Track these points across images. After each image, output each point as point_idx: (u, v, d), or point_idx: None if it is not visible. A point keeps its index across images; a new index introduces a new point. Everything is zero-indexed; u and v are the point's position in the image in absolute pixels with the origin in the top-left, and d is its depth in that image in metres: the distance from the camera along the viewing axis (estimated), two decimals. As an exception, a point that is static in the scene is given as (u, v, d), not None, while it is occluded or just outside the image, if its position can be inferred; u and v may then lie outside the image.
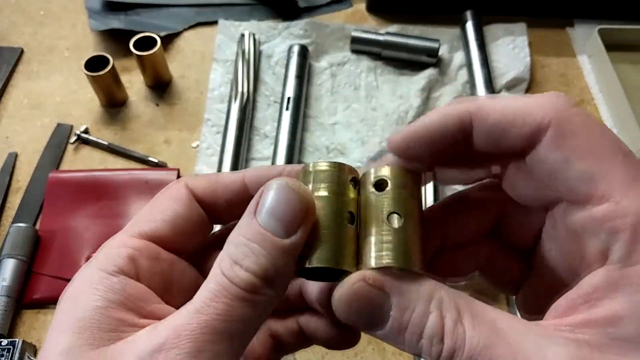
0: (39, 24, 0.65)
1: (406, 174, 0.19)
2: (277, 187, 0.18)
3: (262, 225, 0.18)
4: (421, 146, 0.19)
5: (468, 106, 0.18)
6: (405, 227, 0.18)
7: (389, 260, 0.17)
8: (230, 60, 0.60)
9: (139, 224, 0.20)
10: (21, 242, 0.45)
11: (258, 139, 0.54)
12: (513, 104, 0.18)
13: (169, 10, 0.65)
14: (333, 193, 0.19)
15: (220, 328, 0.16)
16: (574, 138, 0.17)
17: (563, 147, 0.17)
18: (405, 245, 0.18)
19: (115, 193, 0.49)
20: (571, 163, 0.17)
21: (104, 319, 0.17)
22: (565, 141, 0.17)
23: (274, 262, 0.17)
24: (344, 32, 0.62)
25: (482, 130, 0.18)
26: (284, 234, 0.17)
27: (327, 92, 0.57)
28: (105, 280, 0.18)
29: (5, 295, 0.42)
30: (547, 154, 0.17)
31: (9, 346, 0.40)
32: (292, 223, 0.18)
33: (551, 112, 0.17)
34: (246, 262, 0.17)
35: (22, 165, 0.53)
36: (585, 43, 0.63)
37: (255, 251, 0.17)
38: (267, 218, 0.18)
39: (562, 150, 0.17)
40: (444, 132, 0.19)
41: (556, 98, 0.18)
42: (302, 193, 0.18)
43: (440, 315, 0.17)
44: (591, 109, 0.58)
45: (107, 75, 0.53)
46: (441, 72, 0.59)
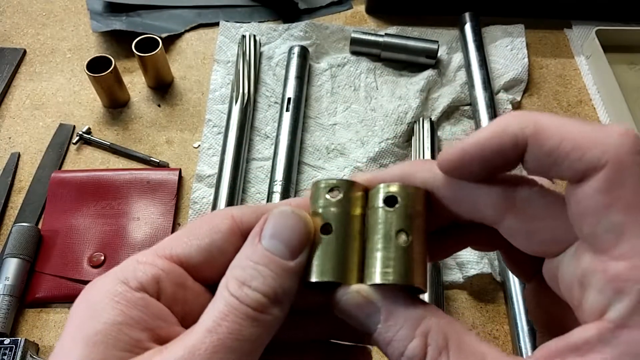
0: (41, 25, 0.65)
1: (416, 192, 0.19)
2: (279, 213, 0.19)
3: (267, 249, 0.18)
4: (473, 166, 0.18)
5: (526, 124, 0.17)
6: (412, 245, 0.18)
7: (393, 277, 0.18)
8: (231, 61, 0.60)
9: (172, 244, 0.20)
10: (24, 242, 0.45)
11: (259, 140, 0.54)
12: (576, 131, 0.16)
13: (170, 12, 0.65)
14: (342, 210, 0.19)
15: (233, 347, 0.17)
16: (622, 187, 0.16)
17: (609, 194, 0.16)
18: (410, 264, 0.18)
19: (117, 193, 0.49)
20: (609, 211, 0.16)
21: (121, 336, 0.17)
22: (614, 188, 0.16)
23: (281, 283, 0.18)
24: (343, 33, 0.63)
25: (535, 155, 0.17)
26: (289, 256, 0.18)
27: (327, 93, 0.58)
28: (127, 294, 0.18)
29: (8, 295, 0.43)
30: (590, 193, 0.16)
31: (12, 345, 0.40)
32: (297, 246, 0.18)
33: (612, 152, 0.16)
34: (255, 283, 0.18)
35: (24, 165, 0.53)
36: (583, 44, 0.63)
37: (263, 273, 0.18)
38: (272, 242, 0.18)
39: (607, 197, 0.16)
40: (499, 152, 0.17)
41: (622, 137, 0.16)
42: (304, 217, 0.19)
43: (424, 342, 0.17)
44: (589, 110, 0.58)
45: (109, 76, 0.53)
46: (440, 73, 0.59)
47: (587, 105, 0.59)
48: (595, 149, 0.16)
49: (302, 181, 0.51)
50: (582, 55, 0.63)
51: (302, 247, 0.18)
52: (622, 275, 0.15)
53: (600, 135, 0.16)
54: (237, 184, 0.48)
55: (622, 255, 0.15)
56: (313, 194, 0.20)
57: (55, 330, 0.43)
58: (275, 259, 0.18)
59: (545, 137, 0.16)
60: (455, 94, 0.56)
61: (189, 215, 0.49)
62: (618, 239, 0.15)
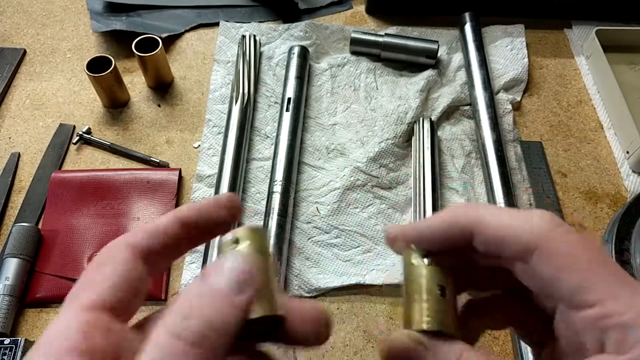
0: (41, 25, 0.65)
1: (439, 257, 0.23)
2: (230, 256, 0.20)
3: (214, 285, 0.19)
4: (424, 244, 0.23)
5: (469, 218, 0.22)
6: (449, 297, 0.22)
7: (437, 325, 0.21)
8: (231, 61, 0.60)
9: (86, 292, 0.19)
10: (24, 242, 0.45)
11: (259, 139, 0.54)
12: (507, 221, 0.21)
13: (171, 12, 0.65)
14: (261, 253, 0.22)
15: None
16: (558, 257, 0.20)
17: (550, 266, 0.20)
18: (449, 313, 0.22)
19: (118, 193, 0.49)
20: (560, 279, 0.20)
21: None
22: (552, 260, 0.20)
23: (227, 316, 0.18)
24: (343, 33, 0.63)
25: (480, 243, 0.22)
26: (236, 291, 0.19)
27: (327, 93, 0.58)
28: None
29: (8, 295, 0.43)
30: (538, 269, 0.20)
31: (12, 345, 0.40)
32: (243, 283, 0.19)
33: (537, 234, 0.20)
34: (198, 314, 0.18)
35: (24, 165, 0.53)
36: (583, 44, 0.63)
37: (208, 304, 0.18)
38: (219, 279, 0.19)
39: (550, 269, 0.20)
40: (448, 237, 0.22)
41: (541, 219, 0.21)
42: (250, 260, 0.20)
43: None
44: (589, 110, 0.58)
45: (109, 76, 0.53)
46: (440, 73, 0.59)
47: (587, 105, 0.59)
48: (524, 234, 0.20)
49: (302, 181, 0.51)
50: (582, 55, 0.63)
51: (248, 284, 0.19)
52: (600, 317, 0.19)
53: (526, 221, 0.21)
54: (237, 184, 0.48)
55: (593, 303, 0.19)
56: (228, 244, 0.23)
57: (55, 330, 0.43)
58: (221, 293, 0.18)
59: (484, 227, 0.21)
60: (455, 94, 0.56)
61: (189, 215, 0.49)
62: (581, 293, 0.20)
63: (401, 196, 0.50)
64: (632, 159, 0.52)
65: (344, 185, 0.50)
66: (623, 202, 0.51)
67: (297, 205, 0.49)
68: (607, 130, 0.56)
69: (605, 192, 0.52)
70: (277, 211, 0.46)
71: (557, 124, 0.57)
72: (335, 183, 0.50)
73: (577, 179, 0.53)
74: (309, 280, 0.45)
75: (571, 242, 0.21)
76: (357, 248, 0.47)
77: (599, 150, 0.55)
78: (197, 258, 0.46)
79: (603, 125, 0.57)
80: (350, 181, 0.50)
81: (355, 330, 0.43)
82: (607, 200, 0.51)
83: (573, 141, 0.56)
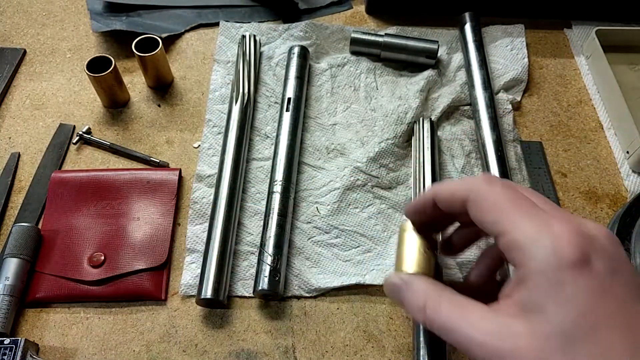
0: (41, 25, 0.65)
1: None
2: None
3: None
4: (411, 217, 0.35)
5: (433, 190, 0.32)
6: (427, 254, 0.34)
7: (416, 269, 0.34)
8: (231, 61, 0.60)
9: None
10: (24, 242, 0.45)
11: (259, 139, 0.54)
12: (452, 185, 0.31)
13: (171, 12, 0.65)
14: None
15: None
16: (482, 203, 0.29)
17: (476, 210, 0.29)
18: (426, 262, 0.34)
19: (118, 193, 0.49)
20: (484, 218, 0.29)
21: None
22: (478, 205, 0.29)
23: None
24: (343, 33, 0.63)
25: (442, 206, 0.32)
26: None
27: (327, 93, 0.58)
28: None
29: (8, 295, 0.43)
30: (471, 215, 0.29)
31: (12, 345, 0.40)
32: None
33: (467, 189, 0.30)
34: None
35: (24, 165, 0.53)
36: (583, 44, 0.63)
37: None
38: None
39: (476, 212, 0.29)
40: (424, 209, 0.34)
41: (475, 179, 0.30)
42: None
43: (424, 299, 0.29)
44: (589, 110, 0.58)
45: (109, 76, 0.53)
46: (440, 73, 0.59)
47: (587, 105, 0.59)
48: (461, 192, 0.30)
49: (302, 181, 0.51)
50: (582, 55, 0.63)
51: None
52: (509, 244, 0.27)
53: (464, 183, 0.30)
54: (237, 184, 0.48)
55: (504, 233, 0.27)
56: None
57: (55, 330, 0.43)
58: None
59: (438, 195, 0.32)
60: (455, 94, 0.56)
61: (189, 215, 0.49)
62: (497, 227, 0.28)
63: (401, 196, 0.50)
64: (632, 159, 0.52)
65: (344, 185, 0.50)
66: (623, 202, 0.51)
67: (297, 205, 0.49)
68: (607, 130, 0.56)
69: (605, 192, 0.52)
70: (277, 211, 0.46)
71: (557, 124, 0.57)
72: (335, 183, 0.50)
73: (577, 179, 0.53)
74: (309, 280, 0.45)
75: (493, 191, 0.29)
76: (357, 248, 0.47)
77: (599, 150, 0.55)
78: (197, 258, 0.46)
79: (603, 125, 0.57)
80: (350, 181, 0.50)
81: (355, 330, 0.43)
82: (607, 200, 0.51)
83: (573, 141, 0.56)
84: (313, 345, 0.43)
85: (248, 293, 0.45)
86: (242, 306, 0.44)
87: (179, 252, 0.47)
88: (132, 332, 0.43)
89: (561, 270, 0.25)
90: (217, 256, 0.44)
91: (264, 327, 0.43)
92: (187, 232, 0.48)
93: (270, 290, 0.42)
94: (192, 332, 0.43)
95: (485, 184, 0.29)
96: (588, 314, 0.25)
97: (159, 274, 0.46)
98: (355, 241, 0.47)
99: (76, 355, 0.42)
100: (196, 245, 0.47)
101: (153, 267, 0.45)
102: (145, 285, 0.45)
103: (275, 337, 0.43)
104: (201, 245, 0.47)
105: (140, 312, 0.44)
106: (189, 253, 0.47)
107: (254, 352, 0.42)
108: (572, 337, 0.24)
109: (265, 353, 0.42)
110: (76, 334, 0.43)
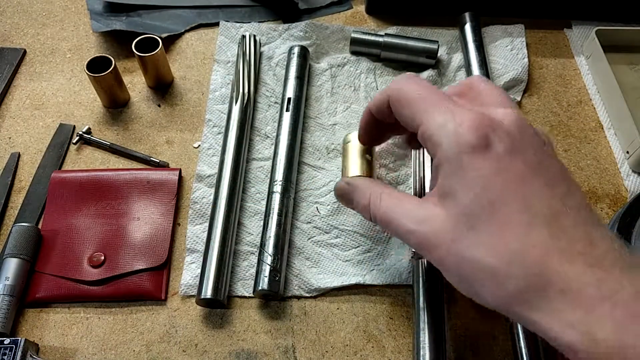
0: (41, 25, 0.65)
1: None
2: None
3: None
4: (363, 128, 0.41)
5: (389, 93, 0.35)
6: (369, 159, 0.42)
7: (359, 172, 0.41)
8: (231, 61, 0.60)
9: None
10: (24, 242, 0.45)
11: (259, 139, 0.54)
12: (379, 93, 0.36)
13: (171, 12, 0.65)
14: None
15: None
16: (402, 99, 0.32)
17: (397, 107, 0.33)
18: (368, 166, 0.42)
19: (118, 193, 0.49)
20: (403, 113, 0.32)
21: None
22: (398, 103, 0.33)
23: None
24: (343, 33, 0.63)
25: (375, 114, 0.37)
26: None
27: (327, 93, 0.58)
28: None
29: (8, 295, 0.43)
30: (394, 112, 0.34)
31: (12, 345, 0.40)
32: None
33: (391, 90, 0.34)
34: None
35: (24, 165, 0.53)
36: (583, 44, 0.63)
37: None
38: None
39: (397, 108, 0.33)
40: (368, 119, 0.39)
41: (395, 81, 0.34)
42: None
43: (369, 196, 0.35)
44: (589, 110, 0.58)
45: (109, 77, 0.53)
46: (440, 73, 0.59)
47: (587, 105, 0.59)
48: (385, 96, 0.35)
49: (302, 181, 0.51)
50: (582, 55, 0.63)
51: None
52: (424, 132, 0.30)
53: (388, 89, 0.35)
54: (237, 184, 0.48)
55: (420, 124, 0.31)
56: None
57: (55, 330, 0.43)
58: None
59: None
60: (455, 94, 0.56)
61: (189, 215, 0.49)
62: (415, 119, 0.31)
63: (401, 196, 0.50)
64: (632, 159, 0.52)
65: (344, 185, 0.50)
66: (623, 202, 0.51)
67: (297, 205, 0.49)
68: (607, 130, 0.56)
69: (605, 192, 0.52)
70: (277, 211, 0.46)
71: (557, 124, 0.57)
72: (335, 183, 0.50)
73: (577, 179, 0.53)
74: (309, 280, 0.45)
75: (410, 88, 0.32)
76: (357, 248, 0.47)
77: (599, 150, 0.55)
78: (197, 258, 0.46)
79: (603, 125, 0.57)
80: (350, 181, 0.50)
81: (355, 330, 0.43)
82: (607, 200, 0.51)
83: (573, 141, 0.56)
84: (313, 345, 0.43)
85: (248, 293, 0.45)
86: (242, 306, 0.44)
87: (179, 252, 0.47)
88: (132, 332, 0.43)
89: (462, 155, 0.27)
90: (217, 256, 0.44)
91: (264, 327, 0.43)
92: (187, 232, 0.48)
93: (270, 290, 0.42)
94: (192, 332, 0.43)
95: (403, 82, 0.33)
96: (487, 193, 0.26)
97: (159, 274, 0.46)
98: (355, 241, 0.47)
99: (76, 355, 0.42)
100: (196, 245, 0.47)
101: (153, 267, 0.45)
102: (145, 285, 0.45)
103: (275, 337, 0.43)
104: (201, 245, 0.47)
105: (140, 312, 0.44)
106: (189, 253, 0.47)
107: (254, 352, 0.42)
108: (475, 216, 0.27)
109: (265, 353, 0.42)
110: (76, 334, 0.43)
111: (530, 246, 0.25)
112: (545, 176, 0.27)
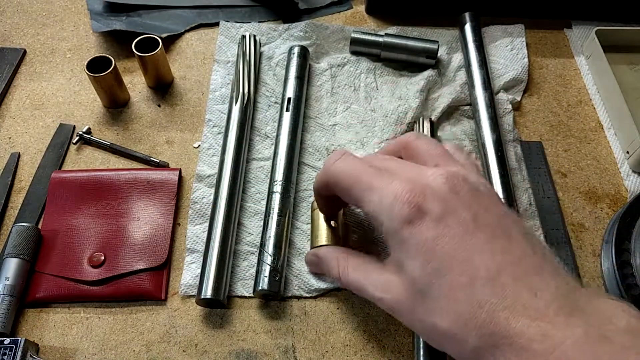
0: (41, 25, 0.65)
1: None
2: None
3: None
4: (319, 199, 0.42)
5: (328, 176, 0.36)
6: (335, 228, 0.43)
7: (325, 241, 0.42)
8: (231, 61, 0.60)
9: None
10: (24, 242, 0.45)
11: (259, 140, 0.54)
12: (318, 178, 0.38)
13: (170, 12, 0.65)
14: None
15: None
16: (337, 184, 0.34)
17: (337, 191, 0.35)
18: (335, 235, 0.43)
19: (118, 193, 0.49)
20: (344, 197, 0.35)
21: None
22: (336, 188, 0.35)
23: None
24: (343, 33, 0.63)
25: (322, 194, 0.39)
26: None
27: (327, 93, 0.58)
28: None
29: (8, 295, 0.43)
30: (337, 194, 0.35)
31: (12, 345, 0.40)
32: None
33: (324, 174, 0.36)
34: None
35: (24, 165, 0.53)
36: (583, 44, 0.63)
37: None
38: None
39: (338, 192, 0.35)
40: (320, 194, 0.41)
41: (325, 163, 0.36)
42: None
43: (337, 267, 0.37)
44: (589, 110, 0.58)
45: (109, 77, 0.53)
46: (440, 73, 0.59)
47: (587, 105, 0.59)
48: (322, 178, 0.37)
49: (302, 181, 0.51)
50: (582, 55, 0.63)
51: None
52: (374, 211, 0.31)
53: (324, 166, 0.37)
54: (237, 184, 0.48)
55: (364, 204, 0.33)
56: None
57: (55, 330, 0.43)
58: None
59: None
60: (455, 94, 0.56)
61: (189, 215, 0.49)
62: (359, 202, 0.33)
63: (401, 196, 0.50)
64: (632, 159, 0.52)
65: (344, 185, 0.50)
66: (623, 202, 0.51)
67: (297, 205, 0.49)
68: (607, 130, 0.56)
69: (605, 192, 0.52)
70: (277, 211, 0.46)
71: (557, 124, 0.57)
72: (335, 183, 0.50)
73: (577, 179, 0.53)
74: (309, 280, 0.45)
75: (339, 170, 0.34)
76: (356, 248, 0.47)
77: (599, 150, 0.55)
78: (197, 258, 0.46)
79: (603, 125, 0.57)
80: (350, 181, 0.50)
81: (355, 330, 0.43)
82: (607, 200, 0.51)
83: (573, 141, 0.56)
84: (313, 345, 0.43)
85: (248, 293, 0.45)
86: (242, 306, 0.44)
87: (179, 252, 0.47)
88: (132, 332, 0.43)
89: (401, 230, 0.29)
90: (217, 256, 0.44)
91: (264, 327, 0.43)
92: (187, 232, 0.48)
93: (270, 290, 0.42)
94: (192, 332, 0.43)
95: (330, 164, 0.34)
96: (430, 262, 0.28)
97: (159, 274, 0.46)
98: (355, 241, 0.47)
99: (76, 355, 0.42)
100: (196, 245, 0.47)
101: (153, 267, 0.45)
102: (145, 285, 0.45)
103: (275, 337, 0.43)
104: (201, 245, 0.47)
105: (140, 312, 0.44)
106: (189, 253, 0.47)
107: (254, 352, 0.42)
108: (425, 284, 0.28)
109: (265, 353, 0.42)
110: (76, 334, 0.43)
111: (477, 307, 0.26)
112: (483, 231, 0.28)
